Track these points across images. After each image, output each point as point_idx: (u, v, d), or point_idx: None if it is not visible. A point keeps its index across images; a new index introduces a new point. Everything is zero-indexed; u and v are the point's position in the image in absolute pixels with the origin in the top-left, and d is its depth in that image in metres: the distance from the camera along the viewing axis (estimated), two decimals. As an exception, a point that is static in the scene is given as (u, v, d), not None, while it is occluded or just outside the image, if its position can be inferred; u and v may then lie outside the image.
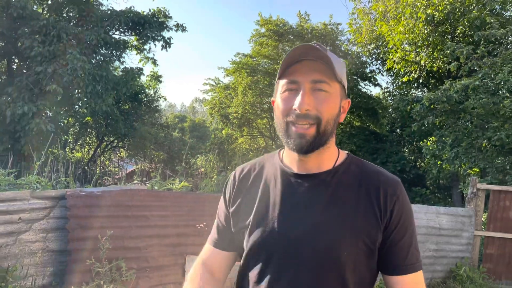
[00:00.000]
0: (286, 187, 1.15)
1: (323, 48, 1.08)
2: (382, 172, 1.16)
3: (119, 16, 13.07)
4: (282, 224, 1.10)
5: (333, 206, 1.09)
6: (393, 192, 1.11)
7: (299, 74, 1.06)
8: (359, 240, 1.07)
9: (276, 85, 1.15)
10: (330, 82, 1.07)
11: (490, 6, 11.56)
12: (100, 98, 11.59)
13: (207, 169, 11.27)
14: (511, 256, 6.30)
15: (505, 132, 9.16)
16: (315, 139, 1.06)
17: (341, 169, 1.15)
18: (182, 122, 31.96)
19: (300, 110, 1.04)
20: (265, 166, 1.24)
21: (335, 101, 1.09)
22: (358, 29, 15.44)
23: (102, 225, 3.98)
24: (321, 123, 1.06)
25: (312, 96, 1.05)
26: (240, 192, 1.23)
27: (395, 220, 1.10)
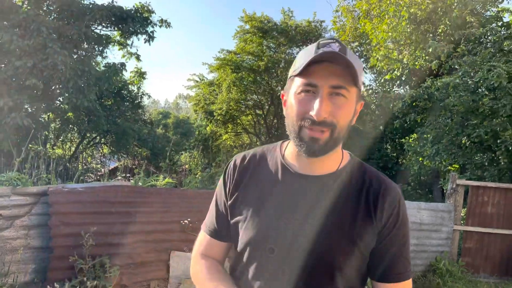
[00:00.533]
0: (287, 186, 1.13)
1: (344, 48, 1.03)
2: (383, 179, 1.16)
3: (101, 10, 12.87)
4: (281, 224, 1.09)
5: (332, 211, 1.09)
6: (392, 201, 1.12)
7: (319, 77, 1.01)
8: (355, 247, 1.08)
9: (290, 81, 1.10)
10: (349, 87, 1.03)
11: (471, 6, 11.78)
12: (82, 94, 11.41)
13: (191, 166, 11.23)
14: (488, 250, 6.46)
15: (484, 129, 9.35)
16: (328, 144, 1.04)
17: (344, 172, 1.15)
18: (165, 119, 31.73)
19: (317, 119, 1.00)
20: (266, 159, 1.21)
21: (352, 106, 1.06)
22: (342, 27, 15.56)
23: (85, 221, 3.95)
24: (336, 129, 1.03)
25: (329, 102, 1.01)
26: (240, 182, 1.19)
27: (389, 228, 1.11)
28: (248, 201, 1.15)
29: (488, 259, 6.46)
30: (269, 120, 19.94)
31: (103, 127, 14.26)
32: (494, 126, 9.31)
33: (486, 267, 6.45)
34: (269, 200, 1.12)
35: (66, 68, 10.69)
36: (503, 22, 12.49)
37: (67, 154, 15.82)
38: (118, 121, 15.98)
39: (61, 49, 10.78)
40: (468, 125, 9.96)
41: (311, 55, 1.01)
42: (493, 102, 9.08)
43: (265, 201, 1.13)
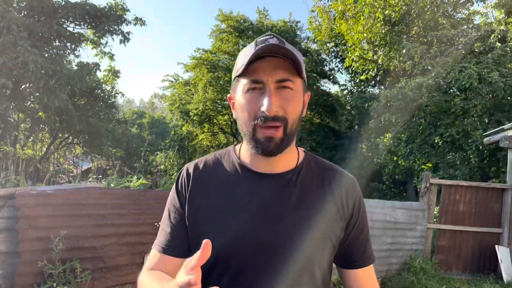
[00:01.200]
0: (251, 188, 1.09)
1: (282, 41, 1.03)
2: (341, 171, 1.18)
3: (73, 8, 12.57)
4: (251, 227, 1.04)
5: (301, 207, 1.07)
6: (354, 191, 1.14)
7: (263, 72, 1.00)
8: (328, 239, 1.08)
9: (236, 82, 1.08)
10: (294, 79, 1.03)
11: (442, 8, 12.05)
12: (53, 93, 11.10)
13: (166, 166, 11.09)
14: (461, 247, 6.60)
15: (455, 128, 9.58)
16: (283, 141, 1.02)
17: (304, 167, 1.14)
18: (140, 118, 31.33)
19: (269, 113, 0.98)
20: (222, 164, 1.16)
21: (300, 98, 1.06)
22: (318, 27, 15.66)
23: (55, 225, 3.82)
24: (288, 123, 1.02)
25: (278, 96, 1.00)
26: (197, 192, 1.12)
27: (355, 218, 1.13)
28: (211, 210, 1.08)
29: (460, 256, 6.59)
30: (245, 120, 19.88)
31: (75, 127, 13.92)
32: (466, 126, 9.55)
33: (458, 264, 6.58)
34: (235, 205, 1.07)
35: (37, 67, 10.39)
36: (473, 24, 12.83)
37: (38, 155, 15.40)
38: (91, 120, 15.63)
39: (32, 48, 10.47)
40: (441, 125, 10.17)
41: (251, 53, 0.99)
42: (465, 103, 9.31)
43: (231, 206, 1.07)
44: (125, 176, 6.84)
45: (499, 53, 9.74)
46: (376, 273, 4.38)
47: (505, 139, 6.60)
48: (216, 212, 1.07)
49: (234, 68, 1.10)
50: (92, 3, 13.38)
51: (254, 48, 1.02)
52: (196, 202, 1.10)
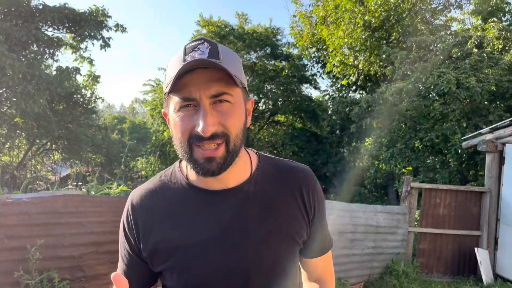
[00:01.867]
0: (208, 209, 1.00)
1: (214, 46, 0.92)
2: (297, 168, 1.11)
3: (52, 12, 12.35)
4: (218, 254, 0.98)
5: (265, 219, 1.01)
6: (313, 187, 1.09)
7: (195, 87, 0.89)
8: (295, 243, 1.06)
9: (167, 99, 0.97)
10: (231, 91, 0.92)
11: (421, 15, 12.27)
12: (32, 99, 10.87)
13: (148, 172, 10.95)
14: (441, 250, 6.68)
15: (435, 133, 9.73)
16: (226, 159, 0.93)
17: (259, 174, 1.06)
18: (121, 124, 30.97)
19: (205, 134, 0.88)
20: (170, 188, 1.05)
21: (240, 108, 0.96)
22: (299, 32, 15.77)
23: (32, 234, 3.71)
24: (230, 139, 0.92)
25: (214, 112, 0.90)
26: (151, 227, 1.02)
27: (317, 213, 1.10)
28: (171, 244, 1.00)
29: (441, 259, 6.67)
30: (228, 125, 19.83)
31: (54, 132, 13.64)
32: (445, 130, 9.71)
33: (439, 267, 6.66)
34: (194, 233, 0.99)
35: (14, 72, 10.16)
36: (451, 30, 13.10)
37: (15, 161, 15.04)
38: (70, 126, 15.36)
39: (9, 52, 10.24)
40: (421, 129, 10.33)
41: (180, 65, 0.89)
42: (443, 107, 9.47)
43: (190, 236, 0.99)
44: (105, 183, 6.72)
45: (476, 58, 9.95)
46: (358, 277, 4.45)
47: (482, 143, 6.73)
48: (175, 246, 0.99)
49: (164, 79, 1.00)
50: (72, 7, 13.18)
51: (183, 58, 0.91)
52: (151, 240, 1.02)
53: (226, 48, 0.96)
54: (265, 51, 18.15)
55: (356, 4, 12.43)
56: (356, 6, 12.36)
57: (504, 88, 9.40)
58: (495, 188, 6.69)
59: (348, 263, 5.81)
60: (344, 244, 5.77)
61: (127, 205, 1.08)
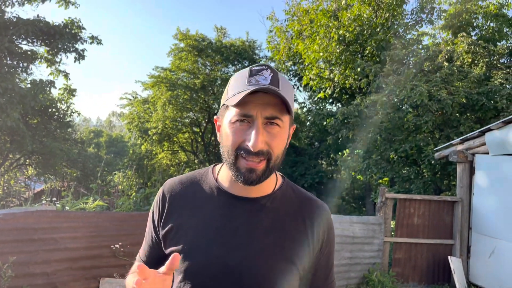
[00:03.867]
0: (224, 210, 1.11)
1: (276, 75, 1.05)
2: (315, 200, 1.20)
3: (26, 25, 12.18)
4: (221, 249, 1.07)
5: (272, 233, 1.09)
6: (326, 222, 1.17)
7: (253, 107, 1.01)
8: (292, 265, 1.09)
9: (224, 108, 1.09)
10: (282, 117, 1.04)
11: (394, 30, 12.62)
12: (4, 113, 10.65)
13: (124, 187, 10.81)
14: (416, 259, 6.80)
15: (409, 144, 9.94)
16: (265, 173, 1.05)
17: (279, 194, 1.16)
18: (98, 137, 30.53)
19: (254, 149, 1.00)
20: (199, 184, 1.18)
21: (285, 133, 1.08)
22: (276, 46, 15.96)
23: (3, 251, 3.64)
24: (272, 158, 1.04)
25: (265, 132, 1.02)
26: (173, 211, 1.15)
27: (324, 247, 1.16)
28: (184, 230, 1.11)
29: (416, 268, 6.78)
30: (206, 138, 19.83)
31: (27, 147, 13.32)
32: (418, 141, 9.94)
33: (414, 276, 6.76)
34: (207, 226, 1.10)
35: (-15, 85, 9.96)
36: (423, 44, 13.50)
37: (-13, 177, 14.63)
38: (45, 140, 15.05)
39: (-20, 65, 10.04)
40: (395, 141, 10.54)
41: (244, 84, 1.02)
42: (417, 119, 9.71)
43: (203, 227, 1.10)
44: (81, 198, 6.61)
45: (447, 72, 10.27)
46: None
47: (453, 154, 6.92)
48: (188, 232, 1.10)
49: (225, 91, 1.11)
50: (46, 20, 13.04)
51: (248, 80, 1.03)
52: (170, 223, 1.14)
53: (285, 79, 1.08)
54: (242, 65, 18.30)
55: (330, 19, 12.71)
56: (331, 21, 12.63)
57: (474, 101, 9.72)
58: (466, 197, 6.87)
59: (326, 274, 5.85)
60: (321, 255, 5.82)
61: (160, 190, 1.22)
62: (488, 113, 9.78)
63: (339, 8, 13.07)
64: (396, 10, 12.78)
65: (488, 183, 6.53)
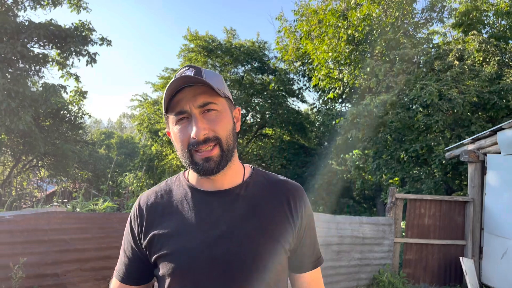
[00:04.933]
0: (201, 206, 1.13)
1: (198, 70, 1.10)
2: (288, 181, 1.24)
3: (38, 29, 12.34)
4: (205, 244, 1.08)
5: (251, 218, 1.12)
6: (301, 199, 1.20)
7: (185, 103, 1.07)
8: (279, 245, 1.12)
9: (167, 119, 1.15)
10: (215, 100, 1.09)
11: (403, 29, 12.52)
12: (16, 116, 10.79)
13: (135, 188, 10.89)
14: (427, 260, 6.74)
15: (419, 144, 9.86)
16: (221, 158, 1.08)
17: (251, 181, 1.19)
18: (109, 139, 30.78)
19: (198, 138, 1.05)
20: (173, 190, 1.21)
21: (227, 116, 1.12)
22: (284, 47, 15.94)
23: (15, 252, 3.69)
24: (222, 141, 1.08)
25: (204, 119, 1.07)
26: (152, 221, 1.17)
27: (304, 224, 1.19)
28: (166, 235, 1.13)
29: (427, 269, 6.72)
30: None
31: (40, 149, 13.48)
32: (429, 141, 9.85)
33: (425, 277, 6.70)
34: (188, 226, 1.12)
35: (-2, 89, 10.11)
36: (433, 43, 13.37)
37: (0, 179, 14.84)
38: (57, 142, 15.23)
39: (-7, 69, 10.19)
40: (405, 141, 10.46)
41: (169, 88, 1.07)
42: (427, 118, 9.62)
43: (184, 227, 1.12)
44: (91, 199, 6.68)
45: (458, 71, 10.17)
46: (345, 289, 4.26)
47: (464, 154, 6.85)
48: (170, 237, 1.12)
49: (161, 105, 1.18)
50: (57, 23, 13.20)
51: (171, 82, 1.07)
52: (151, 233, 1.15)
53: (208, 70, 1.13)
54: (252, 65, 18.31)
55: (339, 19, 12.65)
56: (340, 21, 12.57)
57: (485, 99, 9.60)
58: (478, 197, 6.79)
59: (335, 275, 5.84)
60: (331, 256, 5.80)
61: (135, 204, 1.24)
62: (500, 112, 9.66)
63: (348, 8, 12.99)
64: (406, 9, 12.68)
65: (500, 182, 6.45)
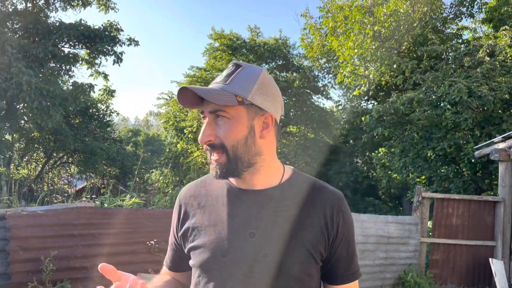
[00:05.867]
0: (235, 203, 1.14)
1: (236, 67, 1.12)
2: (328, 188, 1.19)
3: (68, 29, 12.70)
4: (236, 241, 1.08)
5: (282, 221, 1.10)
6: (339, 208, 1.14)
7: (205, 104, 1.11)
8: (308, 254, 1.09)
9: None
10: (227, 108, 1.07)
11: (432, 24, 12.25)
12: (47, 114, 11.14)
13: (161, 184, 11.06)
14: (455, 260, 6.60)
15: (447, 142, 9.64)
16: (228, 165, 1.09)
17: (287, 184, 1.16)
18: (135, 136, 31.33)
19: (201, 142, 1.10)
20: (210, 184, 1.23)
21: (239, 124, 1.08)
22: (309, 44, 15.83)
23: (46, 245, 3.82)
24: (228, 149, 1.08)
25: (214, 124, 1.10)
26: (187, 214, 1.20)
27: (340, 235, 1.13)
28: (199, 228, 1.16)
29: (455, 269, 6.59)
30: (241, 136, 19.91)
31: (70, 146, 13.91)
32: (457, 139, 9.62)
33: (453, 277, 6.57)
34: (219, 221, 1.13)
35: (30, 88, 10.44)
36: (462, 39, 13.03)
37: (32, 174, 15.35)
38: (86, 140, 15.65)
39: (26, 68, 10.54)
40: (433, 139, 10.24)
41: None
42: (455, 116, 9.40)
43: (216, 222, 1.13)
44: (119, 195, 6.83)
45: (488, 67, 9.87)
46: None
47: (495, 152, 6.67)
48: (202, 230, 1.14)
49: None
50: (87, 24, 13.53)
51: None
52: (185, 224, 1.19)
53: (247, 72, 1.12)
54: (276, 63, 18.28)
55: (365, 15, 12.47)
56: (366, 17, 12.39)
57: (517, 96, 9.31)
58: (509, 197, 6.60)
59: (359, 274, 5.79)
60: (355, 255, 5.76)
61: (177, 198, 1.28)
62: (533, 109, 9.35)
63: (374, 3, 12.79)
64: (434, 4, 12.38)
65: (532, 182, 6.25)
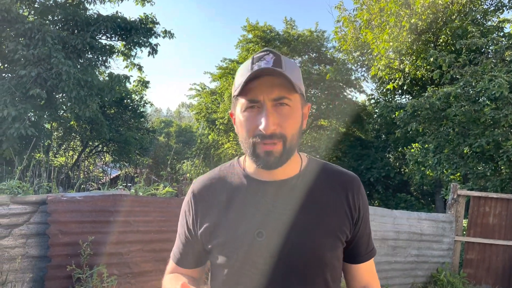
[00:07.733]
0: (257, 196, 1.13)
1: (278, 57, 1.06)
2: (345, 172, 1.21)
3: (105, 21, 13.01)
4: (263, 234, 1.09)
5: (308, 208, 1.11)
6: (358, 190, 1.18)
7: (260, 92, 1.04)
8: (337, 239, 1.11)
9: (235, 101, 1.12)
10: (291, 96, 1.05)
11: (471, 16, 11.82)
12: (84, 104, 11.48)
13: (192, 175, 11.22)
14: (490, 261, 6.41)
15: (485, 139, 9.33)
16: (282, 155, 1.06)
17: (308, 172, 1.17)
18: (168, 127, 31.82)
19: (266, 132, 1.02)
20: (227, 177, 1.20)
21: (297, 113, 1.08)
22: (343, 37, 15.60)
23: (83, 230, 3.95)
24: (287, 139, 1.05)
25: (275, 113, 1.03)
26: (207, 210, 1.17)
27: (361, 215, 1.17)
28: (222, 224, 1.13)
29: (490, 270, 6.41)
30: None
31: (105, 136, 14.31)
32: (496, 136, 9.29)
33: (488, 278, 6.39)
34: (243, 216, 1.12)
35: (69, 78, 10.78)
36: (504, 32, 12.52)
37: (69, 162, 15.88)
38: (120, 129, 16.06)
39: (66, 59, 10.87)
40: (470, 135, 9.93)
41: (247, 72, 1.03)
42: (495, 112, 9.07)
43: (239, 217, 1.12)
44: (152, 184, 6.98)
45: (531, 61, 9.47)
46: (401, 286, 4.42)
47: (536, 150, 6.41)
48: (225, 226, 1.12)
49: (233, 85, 1.14)
50: (123, 16, 13.81)
51: (251, 66, 1.05)
52: (206, 221, 1.16)
53: (288, 59, 1.09)
54: (309, 56, 18.12)
55: (402, 7, 12.15)
56: (402, 9, 12.07)
57: (563, 92, 8.87)
58: (550, 197, 6.35)
59: (390, 270, 5.72)
60: (386, 251, 5.69)
61: (189, 192, 1.24)
62: None
63: (411, -5, 12.47)
64: (474, -5, 11.96)
65: None
